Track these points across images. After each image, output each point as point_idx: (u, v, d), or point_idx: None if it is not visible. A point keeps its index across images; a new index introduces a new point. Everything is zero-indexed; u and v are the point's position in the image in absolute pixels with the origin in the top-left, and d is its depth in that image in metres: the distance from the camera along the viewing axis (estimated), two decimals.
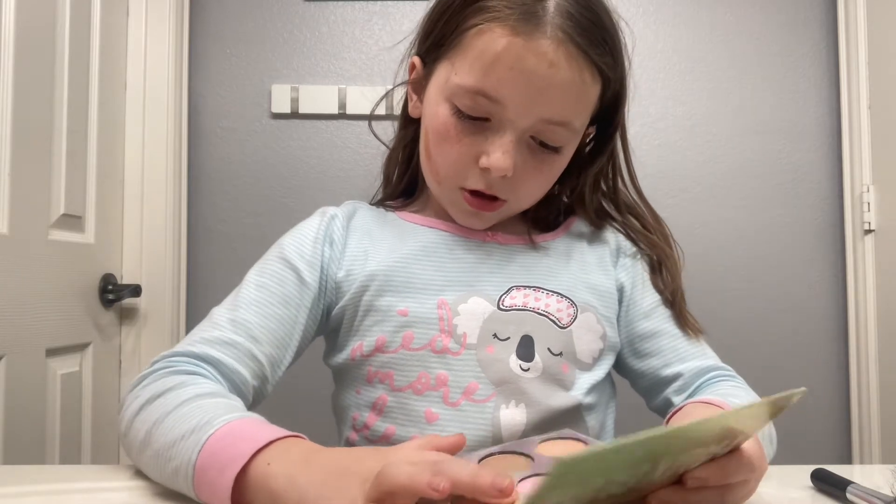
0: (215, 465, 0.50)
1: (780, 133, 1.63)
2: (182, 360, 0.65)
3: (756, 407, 0.43)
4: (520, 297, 0.73)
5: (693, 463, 0.46)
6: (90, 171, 1.37)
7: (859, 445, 1.53)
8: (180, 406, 0.56)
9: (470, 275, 0.74)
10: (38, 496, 0.54)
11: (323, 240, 0.76)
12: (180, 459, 0.52)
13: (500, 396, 0.68)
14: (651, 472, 0.44)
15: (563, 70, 0.65)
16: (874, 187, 1.52)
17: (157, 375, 0.62)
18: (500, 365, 0.69)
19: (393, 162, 0.86)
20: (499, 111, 0.67)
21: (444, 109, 0.69)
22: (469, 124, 0.69)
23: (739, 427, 0.45)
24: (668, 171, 1.62)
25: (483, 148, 0.68)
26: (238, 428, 0.52)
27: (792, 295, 1.60)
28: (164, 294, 1.51)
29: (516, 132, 0.68)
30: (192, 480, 0.50)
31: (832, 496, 0.55)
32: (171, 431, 0.54)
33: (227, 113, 1.63)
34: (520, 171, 0.69)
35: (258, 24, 1.64)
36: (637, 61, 1.64)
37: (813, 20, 1.63)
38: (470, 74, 0.67)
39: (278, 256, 0.75)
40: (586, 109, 0.71)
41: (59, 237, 1.27)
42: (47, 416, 1.23)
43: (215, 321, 0.69)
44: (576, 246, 0.80)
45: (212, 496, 0.49)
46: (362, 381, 0.72)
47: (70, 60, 1.29)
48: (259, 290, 0.71)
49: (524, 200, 0.75)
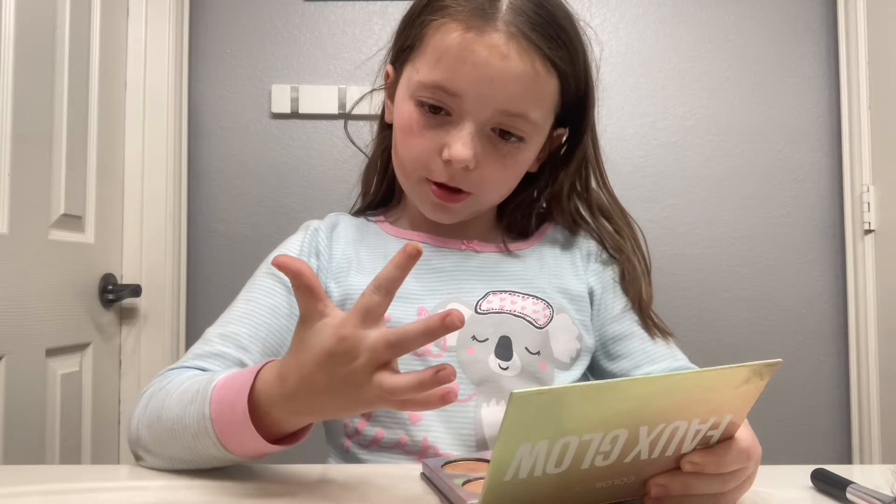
0: (225, 405, 0.54)
1: (780, 133, 1.63)
2: (175, 373, 0.67)
3: (729, 370, 0.43)
4: (496, 301, 0.75)
5: (681, 441, 0.47)
6: (90, 171, 1.37)
7: (859, 445, 1.53)
8: (179, 389, 0.60)
9: (448, 282, 0.77)
10: (38, 496, 0.54)
11: (308, 253, 0.78)
12: (195, 421, 0.55)
13: (481, 395, 0.71)
14: (633, 444, 0.45)
15: (514, 62, 0.68)
16: (874, 187, 1.52)
17: (154, 390, 0.65)
18: (480, 365, 0.72)
19: (372, 169, 0.88)
20: (457, 104, 0.70)
21: (409, 106, 0.73)
22: (431, 119, 0.72)
23: (713, 388, 0.44)
24: (668, 171, 1.62)
25: (445, 140, 0.71)
26: (233, 375, 0.56)
27: (792, 295, 1.61)
28: (164, 294, 1.51)
29: (475, 124, 0.70)
30: (214, 431, 0.54)
31: (832, 496, 0.55)
32: (178, 407, 0.58)
33: (227, 113, 1.63)
34: (482, 163, 0.72)
35: (258, 24, 1.64)
36: (637, 61, 1.64)
37: (813, 20, 1.63)
38: (429, 70, 0.71)
39: (266, 272, 0.77)
40: (543, 103, 0.73)
41: (59, 237, 1.27)
42: (47, 416, 1.23)
43: (206, 338, 0.71)
44: (549, 252, 0.83)
45: (237, 434, 0.53)
46: None
47: (70, 60, 1.29)
48: (247, 304, 0.74)
49: (490, 194, 0.76)
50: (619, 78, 1.64)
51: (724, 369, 0.43)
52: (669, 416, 0.44)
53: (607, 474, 0.46)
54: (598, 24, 1.65)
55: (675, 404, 0.44)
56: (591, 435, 0.43)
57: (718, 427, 0.47)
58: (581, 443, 0.43)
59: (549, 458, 0.43)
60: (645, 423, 0.44)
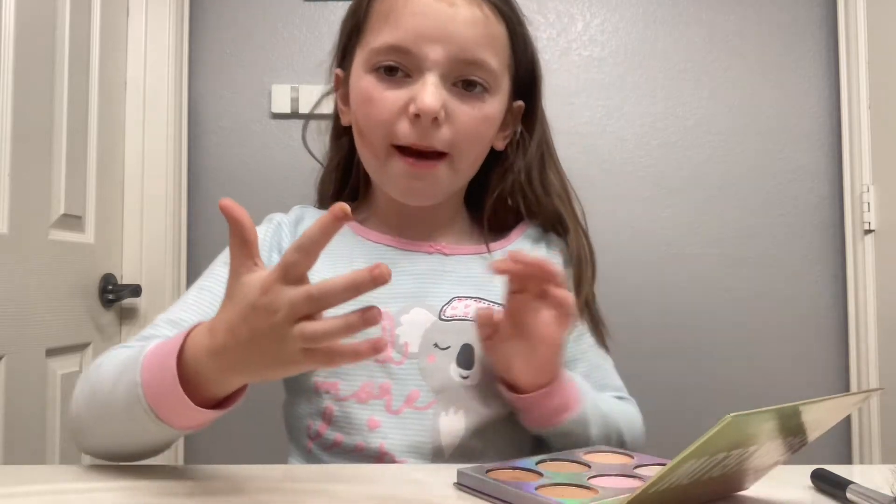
0: (155, 369, 0.53)
1: (780, 133, 1.63)
2: (117, 352, 0.65)
3: (860, 395, 0.50)
4: (461, 307, 0.73)
5: (753, 457, 0.47)
6: (90, 171, 1.37)
7: (859, 445, 1.53)
8: (114, 362, 0.59)
9: (413, 287, 0.74)
10: (38, 496, 0.54)
11: (270, 248, 0.77)
12: (126, 390, 0.54)
13: (440, 404, 0.70)
14: (749, 456, 0.46)
15: (462, 6, 0.69)
16: (874, 187, 1.52)
17: (93, 367, 0.64)
18: (441, 373, 0.70)
19: (327, 182, 0.86)
20: (414, 62, 0.69)
21: (366, 80, 0.71)
22: (391, 82, 0.70)
23: (839, 408, 0.50)
24: (668, 171, 1.62)
25: (409, 96, 0.69)
26: (165, 340, 0.56)
27: (792, 295, 1.60)
28: (164, 294, 1.51)
29: (437, 76, 0.69)
30: (145, 398, 0.53)
31: (832, 496, 0.55)
32: (111, 379, 0.57)
33: (227, 113, 1.63)
34: (452, 115, 0.70)
35: (258, 24, 1.64)
36: (637, 61, 1.65)
37: (813, 20, 1.63)
38: (377, 35, 0.71)
39: (222, 262, 0.74)
40: (498, 51, 0.72)
41: (59, 237, 1.27)
42: (47, 416, 1.23)
43: (154, 323, 0.70)
44: None
45: (167, 398, 0.52)
46: (311, 391, 0.72)
47: (70, 60, 1.29)
48: (199, 293, 0.72)
49: (464, 153, 0.73)
50: (619, 78, 1.64)
51: (856, 394, 0.49)
52: (793, 432, 0.46)
53: (709, 483, 0.47)
54: (598, 24, 1.65)
55: (808, 422, 0.46)
56: (741, 450, 0.43)
57: (804, 440, 0.51)
58: (728, 456, 0.43)
59: (695, 472, 0.43)
60: (776, 438, 0.45)
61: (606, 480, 0.54)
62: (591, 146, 1.62)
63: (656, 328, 1.58)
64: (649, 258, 1.61)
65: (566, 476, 0.54)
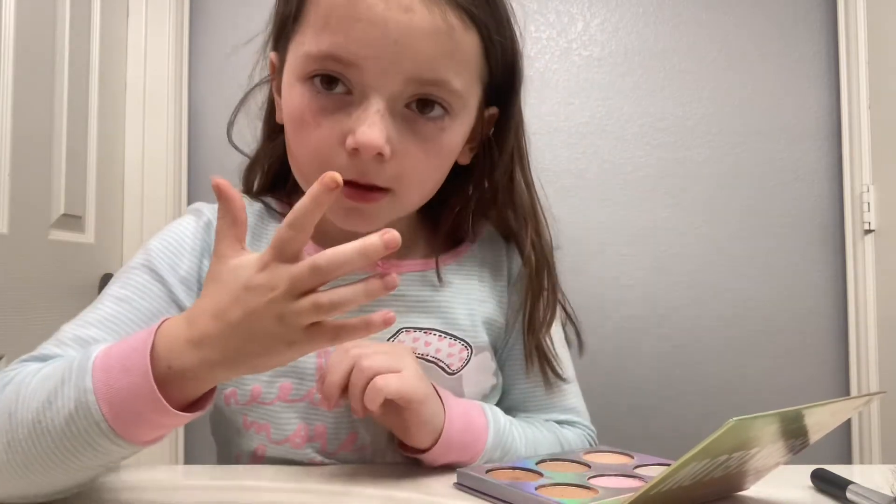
0: (115, 371, 0.45)
1: (780, 133, 1.63)
2: (20, 367, 0.55)
3: (862, 398, 0.51)
4: (409, 340, 0.66)
5: (754, 459, 0.48)
6: (90, 171, 1.37)
7: (859, 445, 1.53)
8: (37, 377, 0.49)
9: (356, 315, 0.62)
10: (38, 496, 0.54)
11: (201, 252, 0.66)
12: (70, 402, 0.45)
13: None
14: (751, 457, 0.46)
15: (420, 14, 0.55)
16: (874, 187, 1.52)
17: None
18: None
19: (257, 173, 0.75)
20: (357, 76, 0.56)
21: (298, 91, 0.59)
22: (327, 101, 0.57)
23: (841, 411, 0.50)
24: (668, 171, 1.62)
25: (347, 126, 0.56)
26: (121, 341, 0.48)
27: (792, 295, 1.60)
28: None
29: (383, 100, 0.56)
30: (99, 406, 0.44)
31: (832, 496, 0.55)
32: (41, 395, 0.47)
33: (227, 113, 1.62)
34: (399, 149, 0.57)
35: (258, 24, 1.64)
36: (637, 61, 1.65)
37: (813, 20, 1.63)
38: (315, 38, 0.57)
39: (145, 265, 0.64)
40: (465, 67, 0.59)
41: (59, 237, 1.27)
42: None
43: (60, 338, 0.60)
44: (477, 271, 0.72)
45: (130, 403, 0.44)
46: (239, 427, 0.66)
47: (70, 61, 1.29)
48: (118, 304, 0.62)
49: (412, 190, 0.62)
50: (619, 78, 1.64)
51: (859, 397, 0.50)
52: (794, 435, 0.47)
53: (710, 483, 0.47)
54: (597, 24, 1.65)
55: (810, 425, 0.47)
56: (743, 452, 0.43)
57: (806, 441, 0.51)
58: (729, 458, 0.43)
59: (697, 473, 0.43)
60: (778, 440, 0.46)
61: (606, 480, 0.54)
62: (591, 146, 1.62)
63: (656, 328, 1.57)
64: (649, 258, 1.61)
65: (566, 476, 0.54)
